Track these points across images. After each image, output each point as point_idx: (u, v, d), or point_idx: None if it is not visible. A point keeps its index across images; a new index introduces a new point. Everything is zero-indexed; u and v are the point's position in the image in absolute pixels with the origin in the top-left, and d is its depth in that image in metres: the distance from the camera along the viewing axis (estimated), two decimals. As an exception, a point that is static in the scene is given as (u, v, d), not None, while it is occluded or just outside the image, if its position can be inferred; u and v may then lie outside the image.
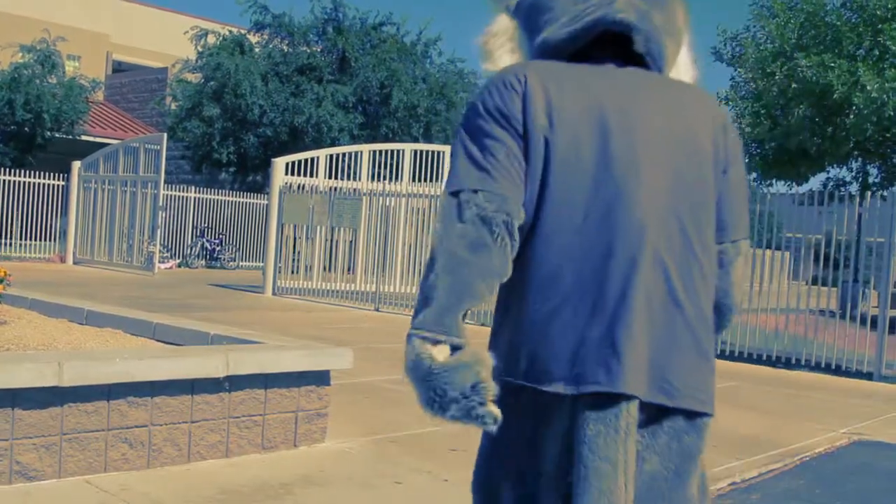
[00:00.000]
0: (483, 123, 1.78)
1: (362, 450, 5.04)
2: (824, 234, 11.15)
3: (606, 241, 1.74)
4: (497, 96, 1.79)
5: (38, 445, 3.94)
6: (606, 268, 1.73)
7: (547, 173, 1.75)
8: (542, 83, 1.79)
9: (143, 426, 4.26)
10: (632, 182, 1.75)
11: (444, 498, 4.26)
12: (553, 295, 1.75)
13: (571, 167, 1.75)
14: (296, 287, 15.19)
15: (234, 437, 4.61)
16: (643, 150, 1.78)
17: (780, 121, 10.65)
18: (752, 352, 10.54)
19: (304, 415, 4.92)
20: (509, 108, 1.77)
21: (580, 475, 1.73)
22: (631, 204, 1.74)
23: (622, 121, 1.78)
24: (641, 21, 1.86)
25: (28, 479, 3.92)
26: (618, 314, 1.72)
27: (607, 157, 1.76)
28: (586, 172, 1.75)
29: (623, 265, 1.73)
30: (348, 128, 23.02)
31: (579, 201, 1.74)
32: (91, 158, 19.24)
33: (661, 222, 1.77)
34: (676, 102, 1.88)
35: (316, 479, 4.39)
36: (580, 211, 1.74)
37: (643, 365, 1.74)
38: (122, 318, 6.13)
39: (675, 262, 1.78)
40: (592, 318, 1.73)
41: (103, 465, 4.15)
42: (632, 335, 1.72)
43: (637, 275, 1.73)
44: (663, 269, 1.76)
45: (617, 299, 1.72)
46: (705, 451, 1.88)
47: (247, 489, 4.13)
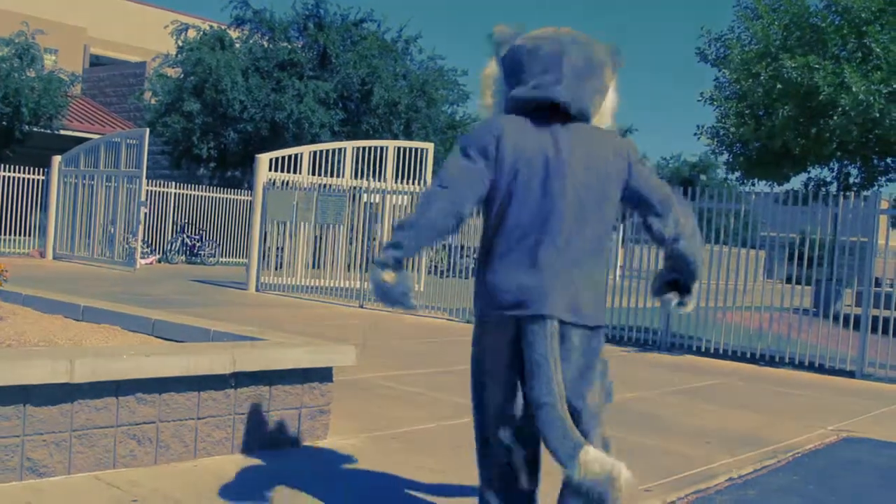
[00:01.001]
0: (468, 149, 3.11)
1: (364, 446, 5.07)
2: (797, 235, 11.28)
3: (538, 226, 3.05)
4: (482, 136, 3.12)
5: (49, 442, 3.95)
6: (545, 240, 3.04)
7: (513, 186, 3.06)
8: (512, 134, 3.09)
9: (151, 422, 4.28)
10: (559, 195, 3.05)
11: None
12: (504, 250, 3.09)
13: (528, 186, 3.06)
14: (279, 283, 15.17)
15: (240, 433, 4.64)
16: (570, 178, 3.06)
17: (764, 121, 10.79)
18: (735, 349, 10.66)
19: (308, 411, 4.95)
20: (487, 145, 3.09)
21: (528, 367, 3.00)
22: (559, 204, 3.05)
23: (557, 160, 3.07)
24: (574, 99, 3.11)
25: (39, 475, 3.93)
26: (545, 266, 3.03)
27: (548, 181, 3.05)
28: (536, 190, 3.06)
29: (548, 239, 3.04)
30: (329, 124, 22.99)
31: (532, 206, 3.06)
32: (71, 153, 19.10)
33: (573, 215, 3.05)
34: (592, 144, 3.14)
35: (324, 475, 4.42)
36: (532, 213, 3.06)
37: (561, 298, 3.01)
38: (119, 315, 6.12)
39: (576, 237, 3.06)
40: (524, 269, 3.04)
41: (112, 461, 4.16)
42: (554, 280, 3.02)
43: (555, 243, 3.04)
44: (568, 241, 3.05)
45: (546, 257, 3.03)
46: (603, 348, 3.22)
47: (254, 483, 4.15)
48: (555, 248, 3.04)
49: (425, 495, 4.26)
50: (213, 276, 18.12)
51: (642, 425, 6.34)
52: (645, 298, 11.81)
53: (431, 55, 25.98)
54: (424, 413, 6.10)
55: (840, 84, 9.76)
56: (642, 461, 5.28)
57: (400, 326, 11.64)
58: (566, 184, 3.05)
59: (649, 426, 6.35)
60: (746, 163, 11.41)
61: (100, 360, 4.07)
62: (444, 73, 25.68)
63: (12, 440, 3.85)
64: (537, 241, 3.05)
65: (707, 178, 44.28)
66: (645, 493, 4.59)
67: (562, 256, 3.04)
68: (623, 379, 8.53)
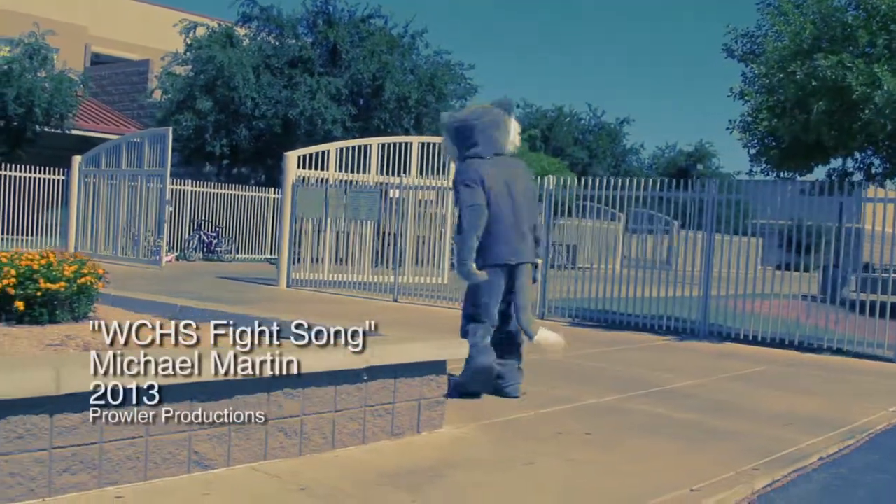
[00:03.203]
0: (471, 182, 6.11)
1: (476, 435, 5.32)
2: (794, 221, 11.62)
3: (513, 221, 6.12)
4: (474, 173, 6.12)
5: (212, 436, 4.19)
6: (515, 228, 6.14)
7: (490, 202, 6.08)
8: (487, 172, 6.13)
9: (296, 416, 4.52)
10: (517, 204, 6.18)
11: (580, 474, 4.56)
12: (497, 233, 6.10)
13: (501, 200, 6.11)
14: (309, 279, 15.38)
15: (370, 424, 4.88)
16: (519, 196, 6.22)
17: (797, 116, 11.07)
18: (773, 337, 10.94)
19: (426, 402, 5.20)
20: (479, 178, 6.09)
21: (516, 288, 6.21)
22: (519, 210, 6.18)
23: (511, 184, 6.19)
24: (507, 146, 6.34)
25: (203, 467, 4.16)
26: (519, 236, 6.16)
27: (511, 198, 6.16)
28: (506, 204, 6.13)
29: (517, 227, 6.16)
30: (341, 120, 23.17)
31: (504, 209, 6.11)
32: (92, 153, 19.23)
33: (524, 214, 6.21)
34: (520, 171, 6.45)
35: (455, 462, 4.67)
36: (507, 213, 6.11)
37: (526, 250, 6.22)
38: (216, 313, 6.34)
39: (527, 226, 6.23)
40: (512, 242, 6.13)
41: (264, 453, 4.40)
42: (522, 245, 6.18)
43: (520, 229, 6.15)
44: (525, 227, 6.23)
45: (517, 237, 6.15)
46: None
47: (402, 472, 4.40)
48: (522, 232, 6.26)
49: (564, 477, 4.51)
50: (238, 273, 18.31)
51: (718, 410, 6.62)
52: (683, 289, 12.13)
53: (437, 50, 26.16)
54: (514, 403, 6.34)
55: (872, 81, 10.05)
56: (738, 443, 5.57)
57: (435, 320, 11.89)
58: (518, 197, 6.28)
59: (724, 411, 6.63)
60: (779, 155, 11.70)
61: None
62: (451, 68, 25.86)
63: (181, 435, 4.08)
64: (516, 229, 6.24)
65: (703, 167, 44.68)
66: (754, 472, 4.88)
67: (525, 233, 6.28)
68: (677, 367, 8.83)
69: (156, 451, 4.00)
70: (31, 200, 21.22)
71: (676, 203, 12.11)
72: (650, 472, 4.79)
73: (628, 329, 11.87)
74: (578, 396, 6.76)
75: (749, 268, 11.60)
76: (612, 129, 39.89)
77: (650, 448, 5.33)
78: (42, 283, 5.84)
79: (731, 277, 11.65)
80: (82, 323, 6.14)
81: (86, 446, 3.78)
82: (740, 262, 11.57)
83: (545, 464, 4.77)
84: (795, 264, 12.14)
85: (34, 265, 5.89)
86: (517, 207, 6.12)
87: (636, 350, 9.96)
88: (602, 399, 6.74)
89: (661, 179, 12.01)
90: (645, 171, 40.60)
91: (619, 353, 9.63)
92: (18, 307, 5.81)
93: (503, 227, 6.03)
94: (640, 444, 5.40)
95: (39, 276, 5.84)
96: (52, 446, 3.69)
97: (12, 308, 5.83)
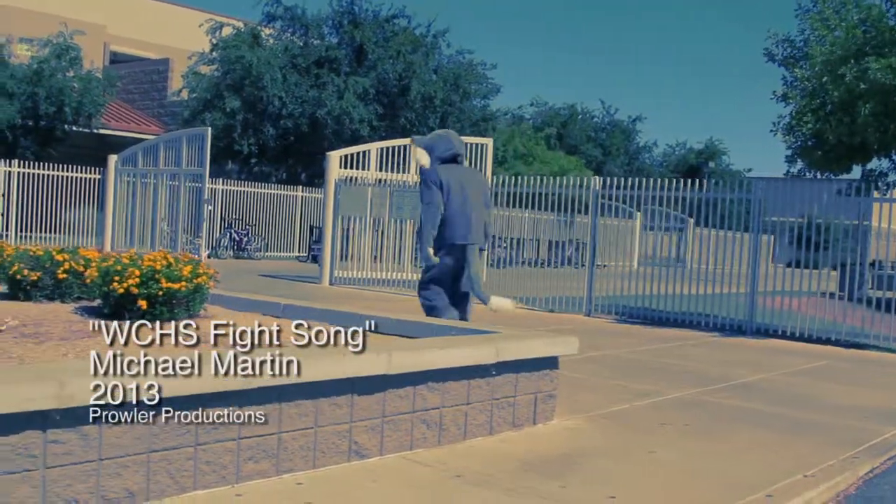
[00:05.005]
0: (431, 182, 7.29)
1: (587, 426, 5.64)
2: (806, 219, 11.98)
3: (467, 213, 7.22)
4: (434, 175, 7.29)
5: (368, 427, 4.50)
6: (468, 217, 7.23)
7: (446, 196, 7.24)
8: (444, 174, 7.28)
9: (435, 408, 4.83)
10: (469, 199, 7.26)
11: (699, 461, 4.88)
12: (452, 221, 7.24)
13: (455, 195, 7.23)
14: (351, 277, 15.70)
15: (495, 416, 5.20)
16: (472, 194, 7.31)
17: (843, 118, 11.39)
18: (820, 335, 11.26)
19: (542, 396, 5.52)
20: (438, 180, 7.24)
21: (467, 265, 7.29)
22: (471, 205, 7.26)
23: (465, 184, 7.31)
24: (463, 153, 7.60)
25: (361, 457, 4.48)
26: (470, 223, 7.24)
27: (464, 193, 7.25)
28: (459, 197, 7.23)
29: (468, 217, 7.24)
30: (368, 119, 23.47)
31: (458, 205, 7.22)
32: (129, 152, 19.53)
33: (477, 208, 7.30)
34: (474, 174, 8.16)
35: (581, 451, 4.99)
36: (460, 205, 7.22)
37: (476, 234, 7.27)
38: (324, 312, 6.65)
39: (475, 217, 7.27)
40: (465, 226, 7.23)
41: (410, 443, 4.71)
42: (473, 229, 7.24)
43: (470, 219, 7.24)
44: (477, 218, 7.29)
45: (468, 219, 7.24)
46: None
47: (537, 461, 4.71)
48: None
49: (689, 463, 4.83)
50: (274, 271, 18.61)
51: (796, 403, 6.94)
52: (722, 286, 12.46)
53: (459, 49, 26.46)
54: (604, 397, 6.66)
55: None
56: (827, 434, 5.89)
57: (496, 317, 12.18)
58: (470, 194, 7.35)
59: (802, 403, 6.95)
60: (821, 157, 12.03)
61: (406, 354, 4.62)
62: (474, 67, 26.17)
63: (343, 426, 4.40)
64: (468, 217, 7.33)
65: (714, 165, 45.03)
66: (855, 460, 5.20)
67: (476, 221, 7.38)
68: (737, 362, 9.16)
69: (323, 441, 4.32)
70: (63, 199, 21.55)
71: (718, 203, 12.43)
72: (759, 460, 5.11)
73: (672, 326, 12.19)
74: (660, 391, 7.08)
75: (767, 265, 12.02)
76: (626, 127, 40.22)
77: (750, 438, 5.65)
78: (164, 282, 6.14)
79: (744, 275, 12.05)
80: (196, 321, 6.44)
81: (267, 436, 4.10)
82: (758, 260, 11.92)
83: (664, 452, 5.09)
84: (806, 262, 12.46)
85: (156, 265, 6.19)
86: (468, 202, 7.46)
87: (691, 346, 10.28)
88: (684, 393, 7.06)
89: (707, 182, 12.35)
90: (657, 170, 40.92)
91: (677, 349, 9.95)
92: (141, 305, 6.12)
93: (456, 216, 7.40)
94: (740, 435, 5.72)
95: (161, 277, 6.15)
96: (241, 437, 4.01)
97: (135, 307, 6.14)
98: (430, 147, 7.94)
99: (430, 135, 8.43)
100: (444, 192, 7.49)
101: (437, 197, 7.48)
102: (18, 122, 23.08)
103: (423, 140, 8.32)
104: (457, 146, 7.81)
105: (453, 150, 7.62)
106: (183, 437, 3.78)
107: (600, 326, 11.68)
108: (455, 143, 7.88)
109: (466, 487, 4.23)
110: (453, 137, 8.07)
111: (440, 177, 7.53)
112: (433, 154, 7.86)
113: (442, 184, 7.49)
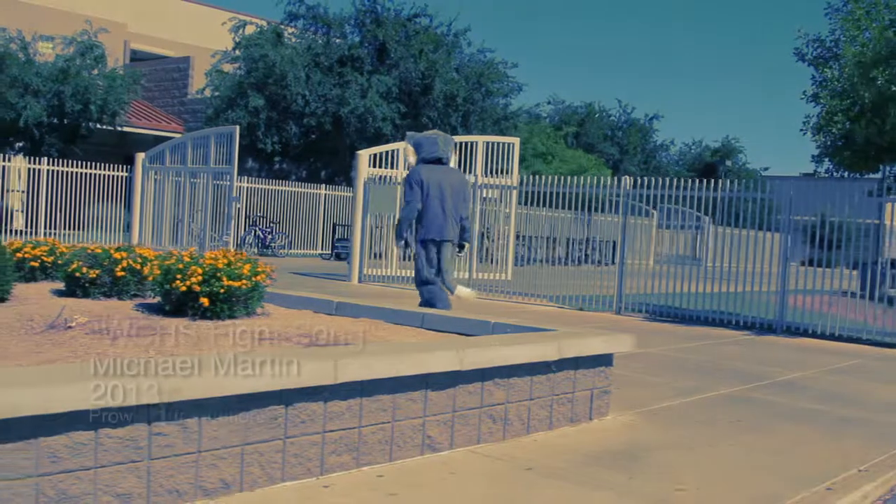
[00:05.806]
0: (413, 182, 8.48)
1: (641, 421, 5.79)
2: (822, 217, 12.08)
3: (443, 209, 8.41)
4: (416, 176, 8.48)
5: (440, 421, 4.66)
6: (443, 215, 8.44)
7: (426, 195, 8.42)
8: (425, 175, 8.45)
9: (501, 404, 4.99)
10: (446, 199, 8.43)
11: (757, 455, 5.02)
12: (429, 218, 8.47)
13: (434, 194, 8.40)
14: (380, 275, 15.87)
15: (555, 412, 5.36)
16: (450, 194, 8.46)
17: (873, 119, 11.50)
18: (850, 334, 11.38)
19: (597, 392, 5.67)
20: (419, 180, 8.43)
21: (440, 257, 8.54)
22: (448, 205, 8.44)
23: (443, 184, 8.45)
24: (448, 155, 8.75)
25: (433, 450, 4.63)
26: (445, 221, 8.46)
27: (442, 193, 8.41)
28: (437, 197, 8.41)
29: (445, 215, 8.46)
30: (391, 117, 23.64)
31: (436, 202, 8.41)
32: (156, 150, 19.72)
33: (452, 205, 8.47)
34: (454, 175, 8.80)
35: (642, 445, 5.13)
36: (437, 204, 8.41)
37: (450, 232, 8.48)
38: (377, 309, 6.80)
39: (453, 214, 8.49)
40: (440, 224, 8.43)
41: (477, 437, 4.87)
42: (447, 225, 8.46)
43: (447, 216, 8.50)
44: (451, 216, 8.48)
45: (443, 217, 8.44)
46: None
47: (601, 454, 4.86)
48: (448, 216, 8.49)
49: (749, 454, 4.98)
50: (302, 268, 18.79)
51: (838, 400, 7.08)
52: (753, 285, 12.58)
53: (481, 48, 26.60)
54: (652, 394, 6.81)
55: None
56: (872, 430, 6.03)
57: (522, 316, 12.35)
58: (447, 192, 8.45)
59: (844, 400, 7.08)
60: (850, 156, 12.15)
61: (477, 351, 4.77)
62: (495, 66, 26.30)
63: (417, 420, 4.56)
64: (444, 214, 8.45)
65: (731, 163, 45.07)
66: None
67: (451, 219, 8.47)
68: (774, 360, 9.30)
69: (399, 435, 4.48)
70: (89, 196, 21.78)
71: (741, 202, 12.56)
72: (811, 454, 5.25)
73: (701, 324, 12.32)
74: (705, 387, 7.23)
75: (777, 264, 12.15)
76: (642, 126, 40.30)
77: (798, 433, 5.80)
78: (225, 280, 6.31)
79: (766, 273, 12.21)
80: (255, 318, 6.61)
81: (349, 430, 4.26)
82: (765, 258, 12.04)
83: (723, 447, 5.24)
84: (819, 260, 12.56)
85: (218, 264, 6.35)
86: (445, 201, 8.39)
87: (726, 345, 10.41)
88: (730, 390, 7.21)
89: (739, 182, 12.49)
90: (673, 168, 40.99)
91: (713, 347, 10.08)
92: (203, 303, 6.28)
93: (433, 214, 8.32)
94: (789, 430, 5.86)
95: (223, 275, 6.31)
96: (325, 430, 4.17)
97: (196, 304, 6.30)
98: (417, 146, 8.75)
99: (422, 134, 9.08)
100: (424, 192, 8.41)
101: (417, 196, 8.43)
102: (45, 119, 23.33)
103: (414, 137, 9.04)
104: (441, 149, 8.59)
105: (436, 153, 8.55)
106: (273, 430, 3.95)
107: (633, 325, 11.82)
108: (440, 146, 8.62)
109: (540, 480, 4.38)
110: (440, 140, 8.73)
111: (421, 177, 8.45)
112: (419, 154, 8.72)
113: (423, 183, 8.41)
